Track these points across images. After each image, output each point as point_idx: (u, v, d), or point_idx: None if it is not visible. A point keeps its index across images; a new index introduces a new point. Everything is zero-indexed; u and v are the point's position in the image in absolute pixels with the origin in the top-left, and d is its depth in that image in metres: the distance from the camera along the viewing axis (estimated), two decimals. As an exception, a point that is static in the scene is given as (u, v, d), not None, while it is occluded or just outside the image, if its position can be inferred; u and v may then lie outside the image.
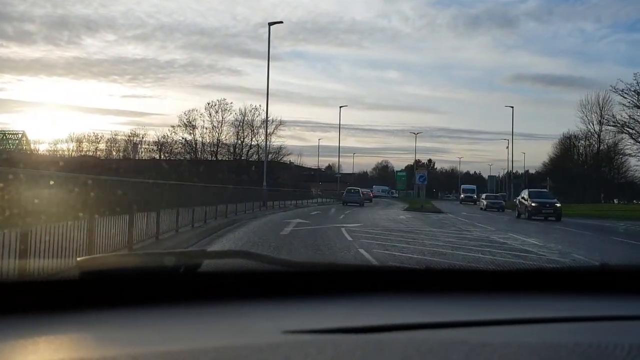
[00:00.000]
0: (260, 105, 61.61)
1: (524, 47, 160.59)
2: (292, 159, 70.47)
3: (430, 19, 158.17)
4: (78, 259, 1.35)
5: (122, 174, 11.84)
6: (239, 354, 0.94)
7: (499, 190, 77.75)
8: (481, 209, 46.16)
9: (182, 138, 59.47)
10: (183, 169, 29.59)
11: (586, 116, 70.48)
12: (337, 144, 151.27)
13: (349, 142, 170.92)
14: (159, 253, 1.79)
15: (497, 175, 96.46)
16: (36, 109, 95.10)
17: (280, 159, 61.70)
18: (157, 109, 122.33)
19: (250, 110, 60.86)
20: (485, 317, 1.24)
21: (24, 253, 5.47)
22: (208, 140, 59.63)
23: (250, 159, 60.45)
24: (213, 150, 59.60)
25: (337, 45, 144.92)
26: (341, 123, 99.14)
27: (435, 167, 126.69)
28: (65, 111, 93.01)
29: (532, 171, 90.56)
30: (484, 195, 52.13)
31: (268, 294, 1.38)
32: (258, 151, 60.31)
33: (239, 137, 60.83)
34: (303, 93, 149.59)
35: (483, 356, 0.95)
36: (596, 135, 70.23)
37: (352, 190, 47.85)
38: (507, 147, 73.69)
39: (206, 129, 59.85)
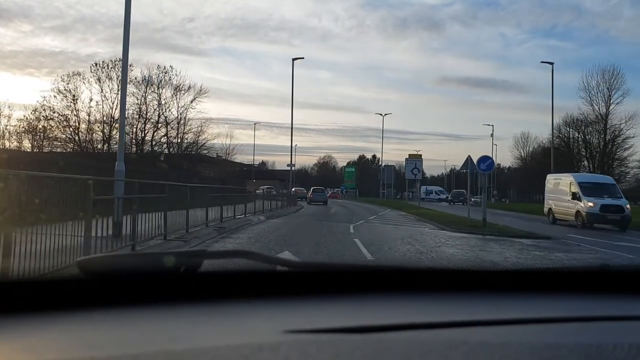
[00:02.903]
0: (172, 67, 45.52)
1: (450, 50, 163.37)
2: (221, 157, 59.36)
3: (360, 20, 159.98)
4: (77, 258, 1.46)
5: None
6: (239, 354, 0.98)
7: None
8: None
9: (60, 115, 41.63)
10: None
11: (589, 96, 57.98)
12: (270, 142, 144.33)
13: (280, 140, 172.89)
14: (159, 253, 1.50)
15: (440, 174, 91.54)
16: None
17: (202, 146, 47.31)
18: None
19: (158, 74, 44.30)
20: (485, 317, 1.25)
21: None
22: (98, 117, 43.88)
23: (156, 148, 44.93)
24: (104, 132, 42.06)
25: (267, 42, 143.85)
26: (272, 121, 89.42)
27: (378, 163, 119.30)
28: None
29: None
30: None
31: (268, 293, 1.40)
32: (167, 133, 43.33)
33: (141, 112, 44.21)
34: (233, 90, 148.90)
35: (483, 356, 0.99)
36: (603, 122, 57.39)
37: (318, 190, 52.61)
38: (494, 137, 65.18)
39: (95, 102, 44.21)
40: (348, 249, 13.57)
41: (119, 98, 19.62)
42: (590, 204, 24.88)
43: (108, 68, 43.47)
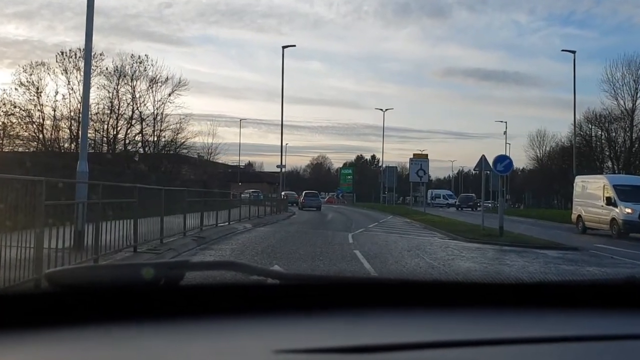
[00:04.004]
0: (147, 56, 45.17)
1: (456, 39, 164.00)
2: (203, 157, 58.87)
3: (356, 5, 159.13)
4: (46, 270, 1.47)
5: None
6: None
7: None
8: None
9: (22, 110, 41.05)
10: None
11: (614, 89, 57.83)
12: (257, 141, 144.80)
13: (269, 139, 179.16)
14: (136, 264, 1.52)
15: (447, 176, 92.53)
16: None
17: (181, 145, 47.51)
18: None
19: (132, 64, 44.35)
20: (497, 336, 1.27)
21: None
22: (64, 113, 43.34)
23: (130, 147, 44.89)
24: (72, 129, 41.57)
25: (254, 30, 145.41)
26: (260, 118, 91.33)
27: (378, 164, 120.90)
28: None
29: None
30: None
31: (258, 309, 1.40)
32: (142, 131, 42.95)
33: (112, 107, 43.76)
34: (215, 83, 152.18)
35: None
36: (629, 118, 57.46)
37: (311, 195, 52.97)
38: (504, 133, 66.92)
39: (61, 95, 43.37)
40: (348, 262, 13.43)
41: (85, 89, 19.11)
42: (628, 210, 24.22)
43: (76, 57, 42.56)
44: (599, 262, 15.42)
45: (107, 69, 44.37)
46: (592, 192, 27.47)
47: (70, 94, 42.97)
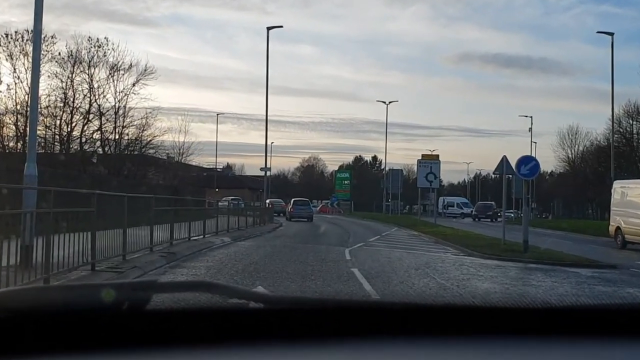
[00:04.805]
0: (107, 39, 45.65)
1: (472, 18, 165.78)
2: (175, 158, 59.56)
3: None
4: None
5: None
6: None
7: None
8: None
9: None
10: None
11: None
12: (238, 139, 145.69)
13: (251, 137, 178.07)
14: (95, 285, 1.57)
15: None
16: None
17: (147, 144, 47.70)
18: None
19: (90, 48, 44.97)
20: None
21: None
22: (9, 106, 43.83)
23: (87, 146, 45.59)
24: (18, 125, 42.00)
25: (234, 8, 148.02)
26: (241, 112, 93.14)
27: (380, 167, 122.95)
28: None
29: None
30: None
31: (238, 338, 1.41)
32: (101, 127, 43.54)
33: (66, 99, 43.95)
34: (187, 71, 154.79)
35: None
36: None
37: (301, 203, 53.43)
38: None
39: (6, 85, 43.68)
40: (344, 282, 13.65)
41: (34, 78, 19.32)
42: None
43: (23, 40, 42.87)
44: (641, 283, 15.68)
45: (59, 54, 44.53)
46: (633, 199, 27.84)
47: (16, 83, 43.21)
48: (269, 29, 47.09)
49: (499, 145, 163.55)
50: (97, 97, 45.61)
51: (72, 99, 45.17)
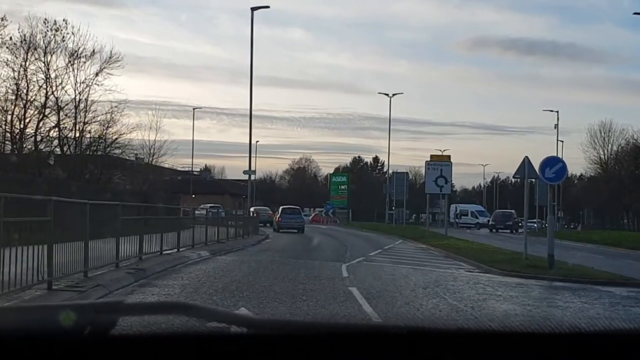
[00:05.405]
0: (66, 22, 46.83)
1: None
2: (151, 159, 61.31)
3: None
4: None
5: None
6: None
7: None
8: None
9: None
10: None
11: None
12: (218, 137, 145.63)
13: (233, 135, 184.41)
14: (52, 306, 1.68)
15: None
16: None
17: (112, 143, 47.89)
18: None
19: (46, 32, 45.43)
20: None
21: None
22: None
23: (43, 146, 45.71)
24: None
25: None
26: (221, 107, 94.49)
27: (383, 170, 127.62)
28: None
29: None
30: None
31: None
32: (59, 123, 43.82)
33: (19, 91, 44.48)
34: (159, 59, 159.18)
35: None
36: None
37: (290, 211, 54.07)
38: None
39: None
40: (341, 303, 13.85)
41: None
42: None
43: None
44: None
45: (11, 38, 44.95)
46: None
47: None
48: (253, 9, 47.41)
49: (520, 145, 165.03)
50: (54, 88, 46.18)
51: (25, 91, 45.71)
